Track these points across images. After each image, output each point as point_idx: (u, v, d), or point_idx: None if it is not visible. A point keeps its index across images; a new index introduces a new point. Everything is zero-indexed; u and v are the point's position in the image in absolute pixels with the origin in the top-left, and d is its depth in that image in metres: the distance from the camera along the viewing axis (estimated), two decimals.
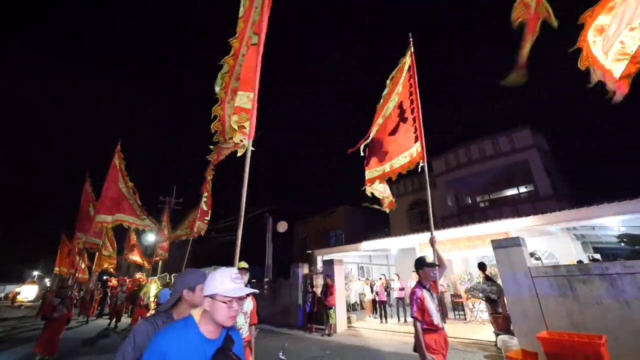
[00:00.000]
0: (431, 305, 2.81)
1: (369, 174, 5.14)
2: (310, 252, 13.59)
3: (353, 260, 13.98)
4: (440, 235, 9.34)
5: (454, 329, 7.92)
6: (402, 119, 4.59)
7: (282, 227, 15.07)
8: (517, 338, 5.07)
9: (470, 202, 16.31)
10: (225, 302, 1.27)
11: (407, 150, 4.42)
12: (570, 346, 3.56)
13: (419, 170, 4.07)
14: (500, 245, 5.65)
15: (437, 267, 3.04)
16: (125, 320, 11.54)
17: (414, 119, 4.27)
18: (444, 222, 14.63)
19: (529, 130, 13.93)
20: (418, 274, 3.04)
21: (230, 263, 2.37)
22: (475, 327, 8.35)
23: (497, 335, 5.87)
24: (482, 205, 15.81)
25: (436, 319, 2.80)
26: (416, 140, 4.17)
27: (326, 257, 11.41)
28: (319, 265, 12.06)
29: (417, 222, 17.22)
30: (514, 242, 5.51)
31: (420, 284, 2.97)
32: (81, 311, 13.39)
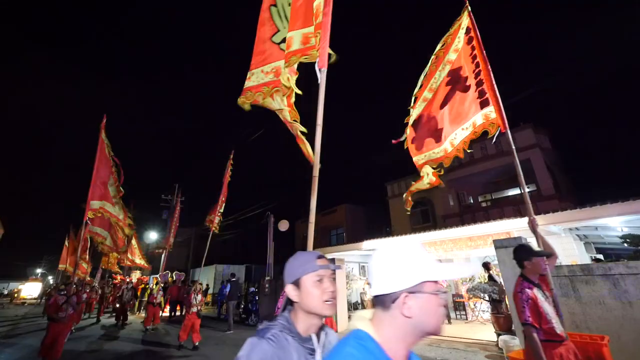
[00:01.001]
0: (547, 307, 2.12)
1: (423, 157, 4.41)
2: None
3: (354, 260, 13.95)
4: (442, 235, 9.30)
5: (455, 329, 7.93)
6: (462, 88, 3.99)
7: (284, 226, 15.04)
8: (519, 338, 5.05)
9: (472, 201, 16.24)
10: (437, 293, 0.75)
11: (467, 121, 3.87)
12: None
13: (493, 140, 3.56)
14: (502, 245, 5.62)
15: (548, 257, 2.37)
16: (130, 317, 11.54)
17: (477, 83, 3.71)
18: (445, 221, 14.58)
19: (531, 130, 13.86)
20: (523, 266, 2.31)
21: (230, 261, 2.33)
22: (476, 327, 8.34)
23: (498, 335, 5.86)
24: (483, 204, 15.73)
25: (557, 326, 2.10)
26: (482, 106, 3.63)
27: (327, 256, 11.39)
28: None
29: (419, 221, 17.20)
30: (516, 242, 5.48)
31: (526, 280, 2.23)
32: (88, 310, 13.18)
